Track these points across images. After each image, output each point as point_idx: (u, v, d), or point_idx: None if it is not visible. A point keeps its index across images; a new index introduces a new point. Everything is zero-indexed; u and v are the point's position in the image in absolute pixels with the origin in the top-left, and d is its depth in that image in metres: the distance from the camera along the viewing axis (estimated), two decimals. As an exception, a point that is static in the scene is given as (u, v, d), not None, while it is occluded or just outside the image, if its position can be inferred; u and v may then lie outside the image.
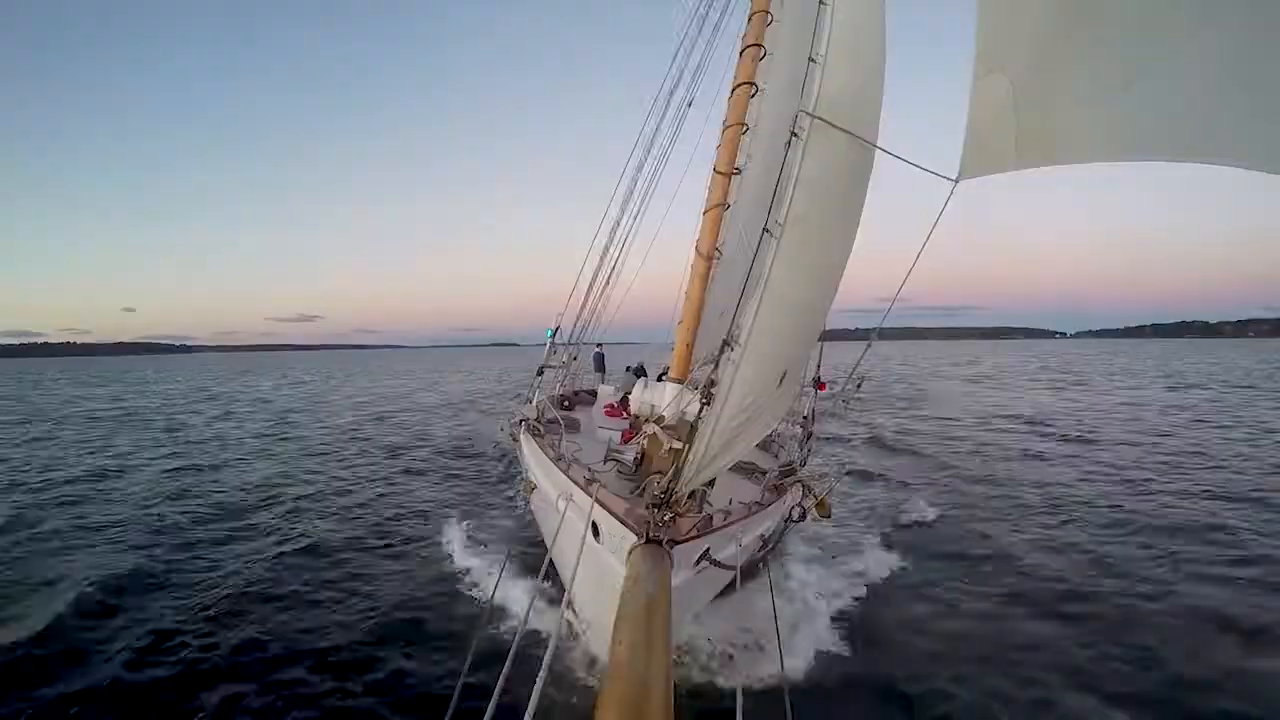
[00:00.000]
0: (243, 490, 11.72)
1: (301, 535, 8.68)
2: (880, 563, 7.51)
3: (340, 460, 15.00)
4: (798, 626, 5.67)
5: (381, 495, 11.21)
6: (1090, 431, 17.82)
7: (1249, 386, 30.76)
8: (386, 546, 8.27)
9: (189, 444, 18.08)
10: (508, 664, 2.54)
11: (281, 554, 7.89)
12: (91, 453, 16.69)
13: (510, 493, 10.92)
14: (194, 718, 4.70)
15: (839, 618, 6.03)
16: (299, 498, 11.00)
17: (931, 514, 9.79)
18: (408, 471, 13.47)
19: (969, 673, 5.28)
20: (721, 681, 4.80)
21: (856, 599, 6.48)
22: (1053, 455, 14.69)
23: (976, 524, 9.35)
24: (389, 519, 9.58)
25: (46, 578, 7.22)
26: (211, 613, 6.25)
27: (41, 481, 12.97)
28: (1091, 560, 7.74)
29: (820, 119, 3.61)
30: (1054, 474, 12.68)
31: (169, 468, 14.32)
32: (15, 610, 6.41)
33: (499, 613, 5.78)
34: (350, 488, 11.84)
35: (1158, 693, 5.05)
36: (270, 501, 10.78)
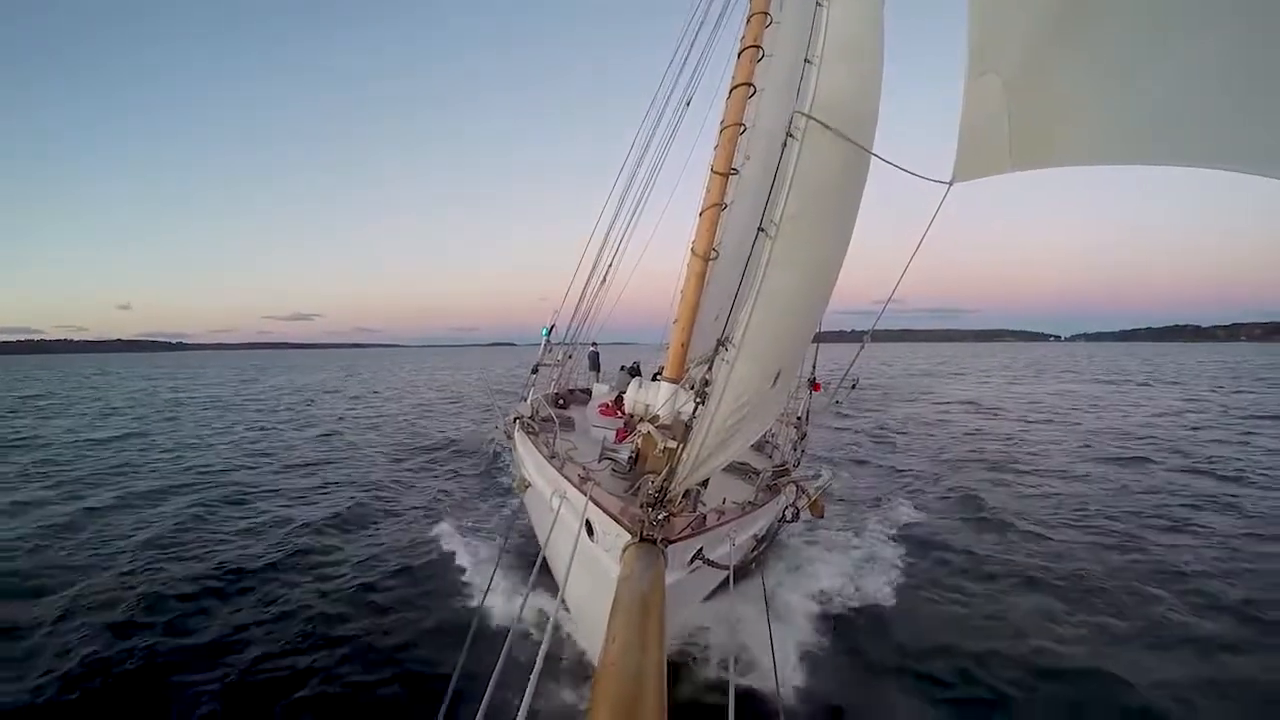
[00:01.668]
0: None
1: (289, 530, 8.66)
2: (872, 559, 7.54)
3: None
4: (790, 625, 5.69)
5: (372, 491, 11.18)
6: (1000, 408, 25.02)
7: (1184, 382, 36.58)
8: (375, 544, 8.24)
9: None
10: (500, 662, 2.54)
11: (274, 548, 7.88)
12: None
13: (504, 490, 10.91)
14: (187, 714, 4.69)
15: (830, 616, 6.05)
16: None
17: (918, 505, 10.14)
18: (402, 467, 13.45)
19: (963, 670, 5.31)
20: (714, 680, 4.81)
21: (848, 597, 6.49)
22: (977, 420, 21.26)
23: (958, 508, 10.14)
24: (380, 515, 9.56)
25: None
26: (204, 602, 6.25)
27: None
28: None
29: (815, 120, 3.62)
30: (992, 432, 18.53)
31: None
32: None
33: (492, 611, 5.76)
34: (346, 480, 11.83)
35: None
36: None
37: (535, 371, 9.66)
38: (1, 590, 6.90)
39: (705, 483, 4.64)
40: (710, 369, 4.04)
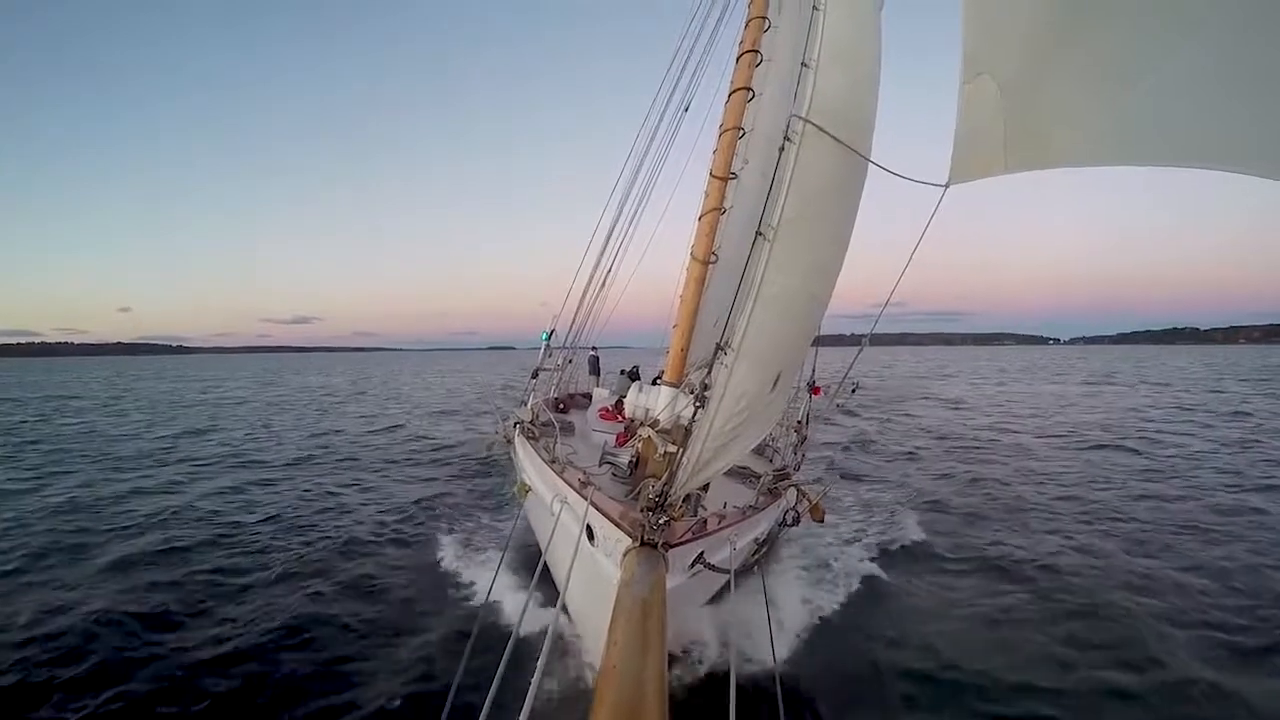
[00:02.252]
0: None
1: (290, 533, 8.65)
2: (872, 561, 7.57)
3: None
4: (790, 629, 5.68)
5: (374, 496, 11.16)
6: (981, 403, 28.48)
7: (1164, 384, 38.71)
8: (379, 548, 8.23)
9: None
10: (502, 667, 2.54)
11: (272, 548, 7.87)
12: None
13: (504, 495, 10.89)
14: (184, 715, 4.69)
15: (831, 619, 6.04)
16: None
17: (914, 508, 10.30)
18: (402, 468, 13.44)
19: (961, 667, 5.33)
20: (715, 683, 4.80)
21: (849, 599, 6.49)
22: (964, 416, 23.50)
23: (953, 502, 10.75)
24: (380, 520, 9.53)
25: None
26: (203, 605, 6.24)
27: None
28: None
29: (811, 124, 3.63)
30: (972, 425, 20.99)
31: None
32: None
33: (493, 616, 5.75)
34: (350, 483, 11.81)
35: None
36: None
37: (535, 376, 9.66)
38: (157, 554, 7.99)
39: (706, 487, 4.64)
40: (710, 373, 4.05)
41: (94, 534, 8.92)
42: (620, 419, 7.95)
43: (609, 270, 9.63)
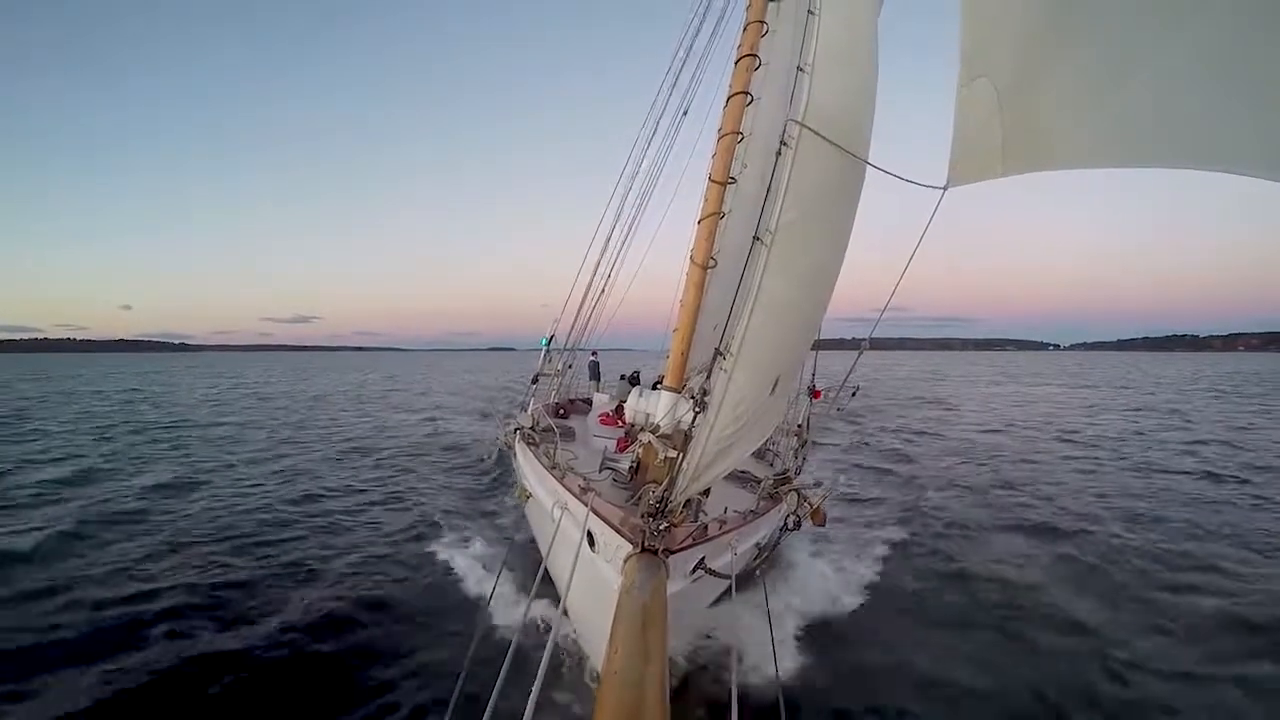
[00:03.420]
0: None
1: (293, 534, 8.62)
2: (873, 564, 7.56)
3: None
4: (792, 634, 5.66)
5: (376, 502, 11.13)
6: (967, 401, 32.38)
7: (1127, 388, 42.68)
8: (381, 554, 8.19)
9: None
10: (503, 673, 2.53)
11: (275, 551, 7.85)
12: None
13: (506, 501, 10.86)
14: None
15: (832, 623, 6.02)
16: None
17: (912, 511, 10.43)
18: (404, 473, 13.40)
19: (960, 670, 5.30)
20: (716, 690, 4.77)
21: (850, 603, 6.47)
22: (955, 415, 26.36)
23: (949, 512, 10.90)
24: (383, 526, 9.50)
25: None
26: (203, 608, 6.22)
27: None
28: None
29: (807, 128, 3.64)
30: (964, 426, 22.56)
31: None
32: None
33: (493, 622, 5.73)
34: (347, 486, 11.77)
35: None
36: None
37: (535, 381, 9.66)
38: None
39: (707, 492, 4.63)
40: (709, 378, 4.04)
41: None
42: (621, 424, 7.94)
43: (609, 274, 9.64)
